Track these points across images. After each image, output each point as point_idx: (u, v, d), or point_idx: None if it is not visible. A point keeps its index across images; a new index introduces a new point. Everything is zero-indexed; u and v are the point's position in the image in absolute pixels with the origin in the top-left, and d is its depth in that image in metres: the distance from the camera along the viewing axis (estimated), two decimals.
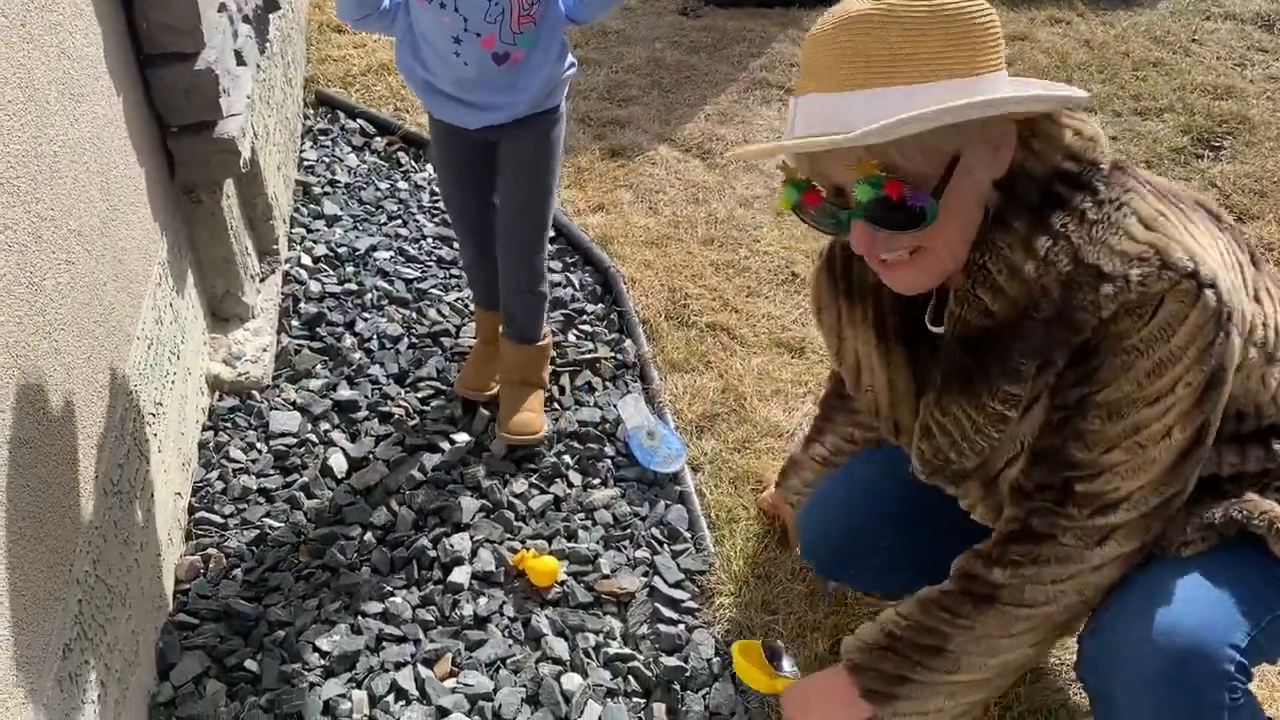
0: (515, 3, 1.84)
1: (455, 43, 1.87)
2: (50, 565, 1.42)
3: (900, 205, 1.15)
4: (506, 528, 2.09)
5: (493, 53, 1.88)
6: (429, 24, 1.87)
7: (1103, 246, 1.15)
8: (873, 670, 1.39)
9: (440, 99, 1.99)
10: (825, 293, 1.53)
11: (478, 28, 1.84)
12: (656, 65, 3.90)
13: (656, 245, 2.93)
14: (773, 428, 2.31)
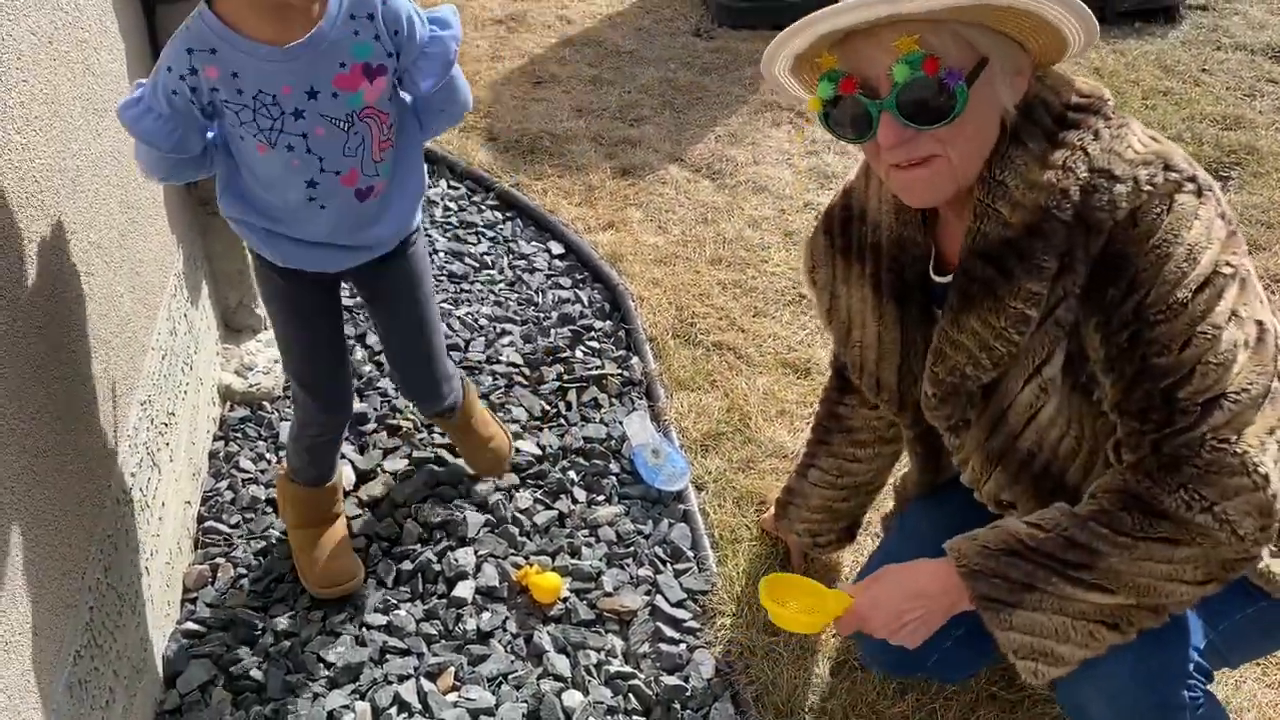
0: (375, 130, 1.58)
1: (310, 187, 1.58)
2: (64, 572, 1.44)
3: (933, 90, 1.19)
4: (511, 543, 2.11)
5: (355, 189, 1.62)
6: (273, 172, 1.57)
7: (1113, 154, 1.22)
8: (997, 576, 1.29)
9: (290, 246, 1.67)
10: (821, 250, 1.56)
11: (336, 165, 1.57)
12: (669, 86, 3.94)
13: (665, 264, 2.95)
14: (777, 448, 2.33)
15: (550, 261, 3.00)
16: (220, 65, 1.45)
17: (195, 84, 1.45)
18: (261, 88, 1.47)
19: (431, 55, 1.56)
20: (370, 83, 1.52)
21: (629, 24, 4.46)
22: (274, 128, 1.50)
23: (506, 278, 2.92)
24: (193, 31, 1.44)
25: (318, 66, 1.48)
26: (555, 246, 3.06)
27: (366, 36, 1.50)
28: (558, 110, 3.75)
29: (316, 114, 1.51)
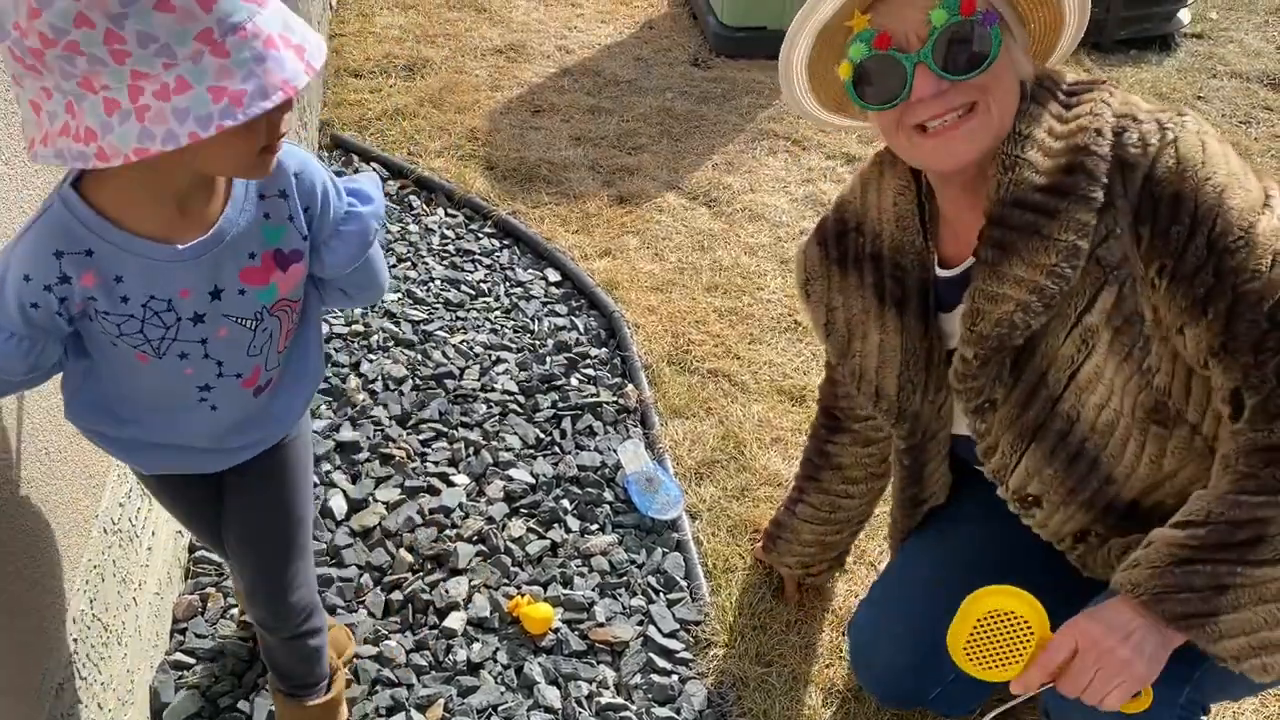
0: (285, 321, 1.32)
1: (203, 391, 1.29)
2: (46, 605, 1.43)
3: (971, 32, 1.22)
4: (503, 573, 2.09)
5: (255, 387, 1.34)
6: (156, 378, 1.26)
7: (1130, 104, 1.29)
8: (1182, 591, 1.21)
9: (163, 452, 1.37)
10: (816, 261, 1.56)
11: (238, 368, 1.29)
12: (666, 114, 3.95)
13: (661, 291, 2.95)
14: (771, 476, 2.32)
15: (547, 289, 3.00)
16: (99, 269, 1.12)
17: (66, 294, 1.12)
18: (153, 293, 1.16)
19: (346, 235, 1.31)
20: (283, 272, 1.26)
21: (627, 54, 4.48)
22: (165, 337, 1.20)
23: (503, 305, 2.92)
24: (58, 226, 1.10)
25: (222, 262, 1.19)
26: (552, 274, 3.06)
27: (278, 218, 1.23)
28: (556, 139, 3.76)
29: (219, 315, 1.22)
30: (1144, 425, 1.34)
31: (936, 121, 1.28)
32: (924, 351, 1.50)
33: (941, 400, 1.53)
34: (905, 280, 1.48)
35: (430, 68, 4.21)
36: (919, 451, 1.59)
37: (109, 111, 0.92)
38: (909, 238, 1.47)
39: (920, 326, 1.49)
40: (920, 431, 1.56)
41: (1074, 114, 1.29)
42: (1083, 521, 1.45)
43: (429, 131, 3.74)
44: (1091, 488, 1.40)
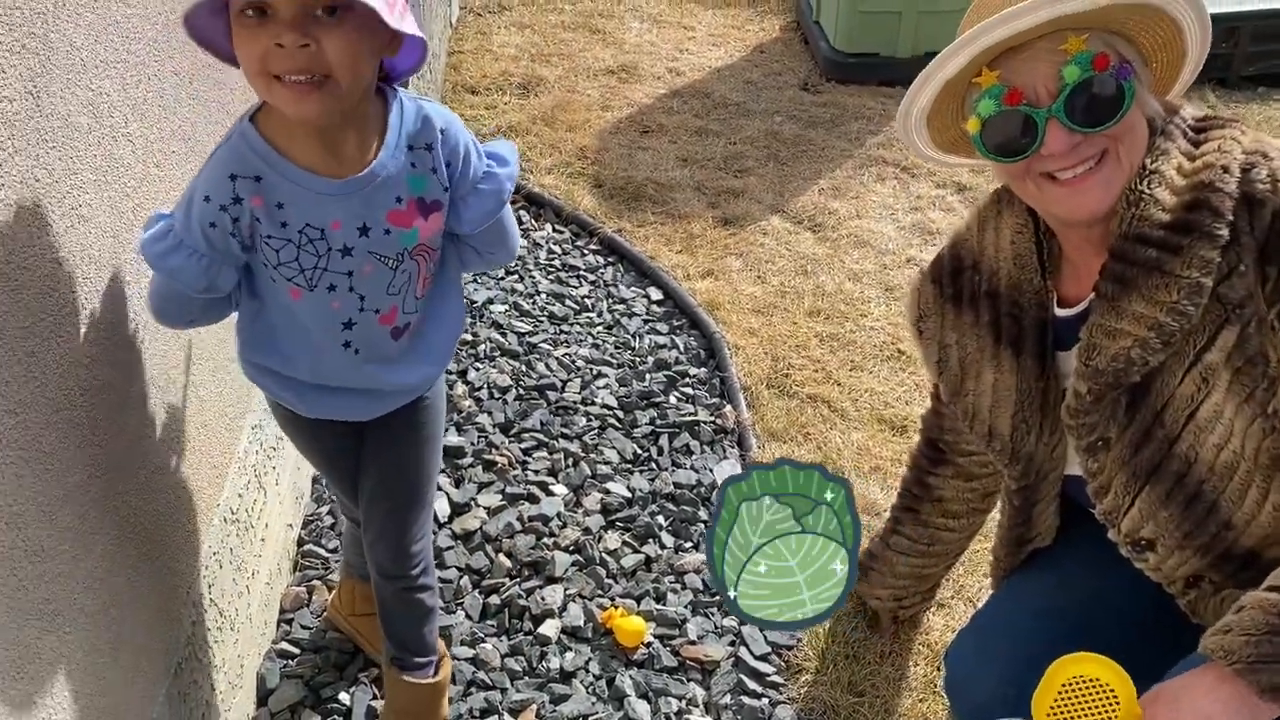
0: (423, 265, 1.42)
1: (346, 328, 1.39)
2: (170, 587, 1.51)
3: (1104, 87, 1.22)
4: (598, 584, 2.12)
5: (392, 327, 1.44)
6: (308, 314, 1.38)
7: (1262, 142, 1.26)
8: (1278, 660, 1.15)
9: (320, 394, 1.48)
10: (930, 299, 1.55)
11: (377, 304, 1.39)
12: (774, 138, 3.96)
13: (762, 314, 2.96)
14: (869, 505, 2.30)
15: (649, 307, 3.03)
16: (265, 194, 1.26)
17: (238, 214, 1.26)
18: (309, 221, 1.29)
19: (484, 193, 1.40)
20: (425, 219, 1.37)
21: (737, 77, 4.51)
22: (318, 266, 1.32)
23: (605, 321, 2.96)
24: (235, 154, 1.26)
25: (372, 201, 1.31)
26: (654, 292, 3.09)
27: (423, 169, 1.34)
28: (663, 159, 3.80)
29: (366, 251, 1.33)
30: (1267, 473, 1.29)
31: (1068, 173, 1.27)
32: (1039, 391, 1.47)
33: (1056, 441, 1.50)
34: (1022, 319, 1.45)
35: (544, 86, 4.30)
36: (1031, 492, 1.56)
37: None
38: (1027, 276, 1.45)
39: (1037, 366, 1.46)
40: (1034, 472, 1.53)
41: (1202, 151, 1.27)
42: (1197, 567, 1.41)
43: (540, 148, 3.82)
44: (1209, 532, 1.35)
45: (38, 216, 1.14)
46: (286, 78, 1.14)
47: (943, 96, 1.34)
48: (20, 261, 1.10)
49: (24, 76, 1.11)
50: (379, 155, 1.29)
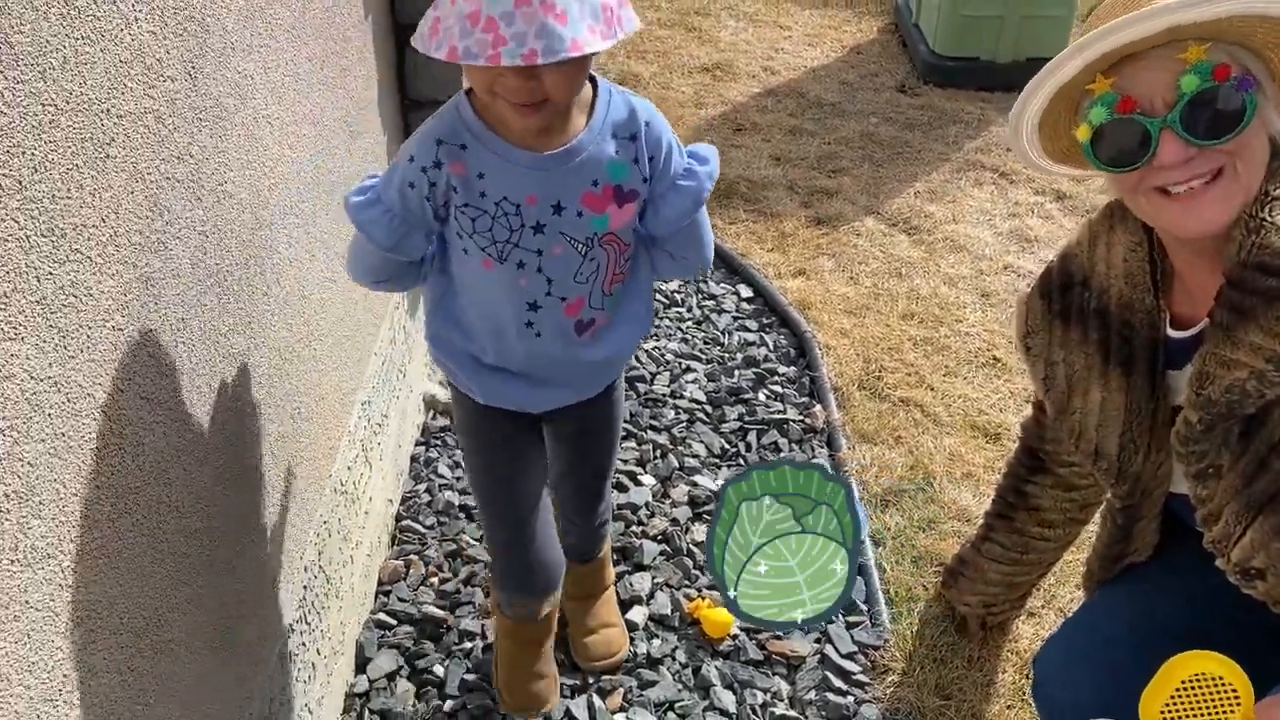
0: (612, 257, 1.41)
1: (530, 309, 1.41)
2: (287, 552, 1.57)
3: (1224, 99, 1.18)
4: (685, 574, 2.14)
5: (577, 320, 1.44)
6: (495, 289, 1.40)
7: None
8: None
9: (496, 379, 1.51)
10: (1038, 315, 1.53)
11: (564, 290, 1.40)
12: (869, 139, 3.94)
13: (855, 315, 2.95)
14: (961, 511, 2.28)
15: (739, 304, 3.05)
16: (467, 163, 1.30)
17: (436, 179, 1.31)
18: (506, 194, 1.31)
19: (683, 190, 1.39)
20: (619, 207, 1.36)
21: (833, 77, 4.49)
22: (509, 240, 1.34)
23: (695, 316, 2.98)
24: (445, 121, 1.31)
25: (569, 180, 1.32)
26: (745, 290, 3.10)
27: (625, 158, 1.34)
28: (756, 157, 3.81)
29: (557, 231, 1.34)
30: None
31: (1181, 187, 1.23)
32: (1149, 412, 1.44)
33: (1162, 459, 1.48)
34: (1133, 339, 1.42)
35: (638, 83, 4.34)
36: (1134, 510, 1.54)
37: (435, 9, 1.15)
38: (1139, 295, 1.42)
39: (1147, 387, 1.43)
40: (1139, 491, 1.51)
41: None
42: None
43: None
44: None
45: (190, 190, 1.20)
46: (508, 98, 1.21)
47: (1056, 103, 1.32)
48: (174, 232, 1.16)
49: (183, 58, 1.17)
50: (581, 135, 1.31)
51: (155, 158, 1.11)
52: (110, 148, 1.01)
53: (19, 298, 0.86)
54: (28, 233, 0.87)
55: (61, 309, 0.93)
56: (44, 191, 0.90)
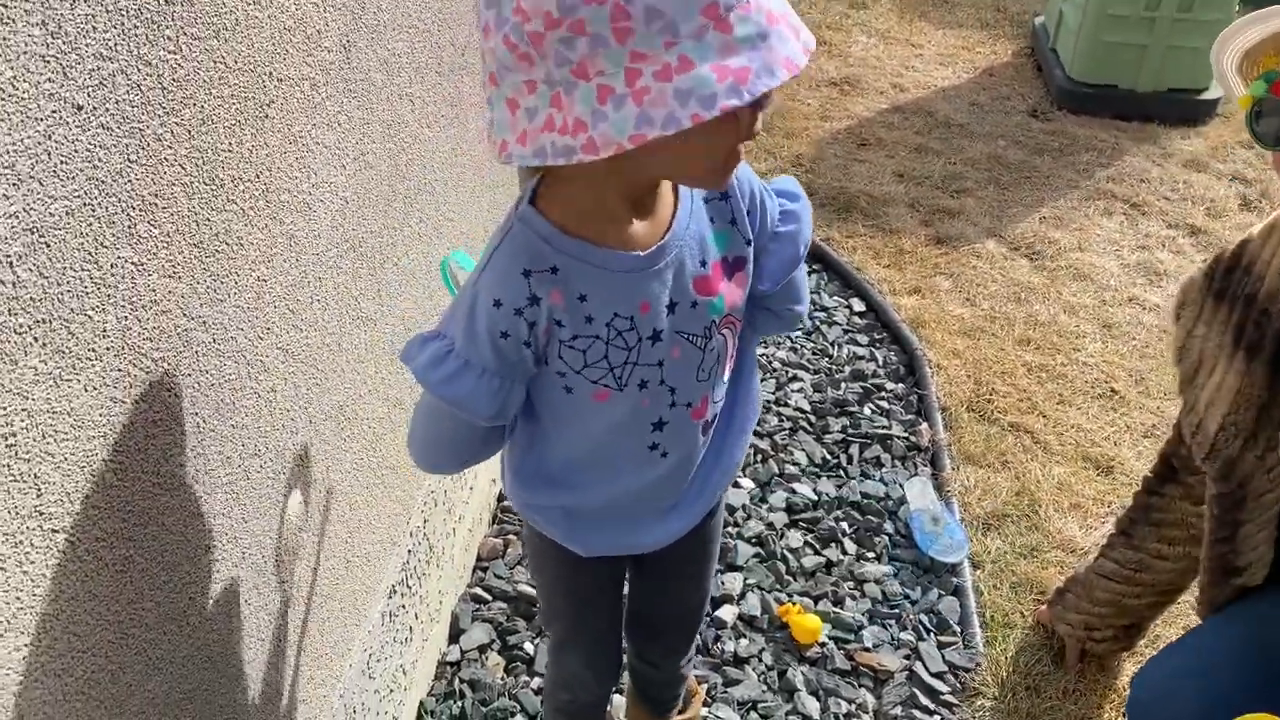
0: (730, 340, 1.17)
1: (656, 430, 1.15)
2: (394, 515, 1.63)
3: None
4: (777, 578, 2.14)
5: (704, 422, 1.19)
6: (615, 419, 1.13)
7: None
8: None
9: (599, 528, 1.26)
10: (1197, 289, 1.55)
11: (689, 395, 1.15)
12: (996, 162, 3.87)
13: (969, 336, 2.90)
14: (1065, 541, 2.22)
15: (850, 318, 3.02)
16: (565, 288, 1.02)
17: (535, 318, 1.02)
18: (616, 310, 1.05)
19: (784, 237, 1.17)
20: (730, 280, 1.12)
21: (963, 97, 4.42)
22: (628, 360, 1.08)
23: (805, 326, 2.97)
24: (522, 246, 1.02)
25: (678, 271, 1.07)
26: (857, 304, 3.08)
27: (722, 222, 1.11)
28: (879, 173, 3.78)
29: (674, 332, 1.09)
30: None
31: None
32: (1260, 402, 1.44)
33: (1274, 463, 1.44)
34: (1266, 328, 1.42)
35: None
36: (1236, 507, 1.50)
37: (602, 99, 0.83)
38: None
39: (1265, 376, 1.43)
40: (1236, 479, 1.48)
41: None
42: None
43: (756, 154, 3.86)
44: None
45: (336, 157, 1.27)
46: None
47: (1245, 59, 1.33)
48: (318, 195, 1.23)
49: (340, 31, 1.24)
50: (677, 214, 1.06)
51: (308, 123, 1.18)
52: (269, 109, 1.08)
53: (179, 239, 0.93)
54: (192, 179, 0.94)
55: (215, 255, 1.00)
56: (209, 143, 0.96)
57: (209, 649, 1.06)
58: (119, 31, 0.81)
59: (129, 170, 0.84)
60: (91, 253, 0.80)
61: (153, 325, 0.90)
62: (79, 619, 0.84)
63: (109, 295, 0.83)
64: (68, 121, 0.76)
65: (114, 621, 0.89)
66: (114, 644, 0.89)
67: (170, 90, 0.89)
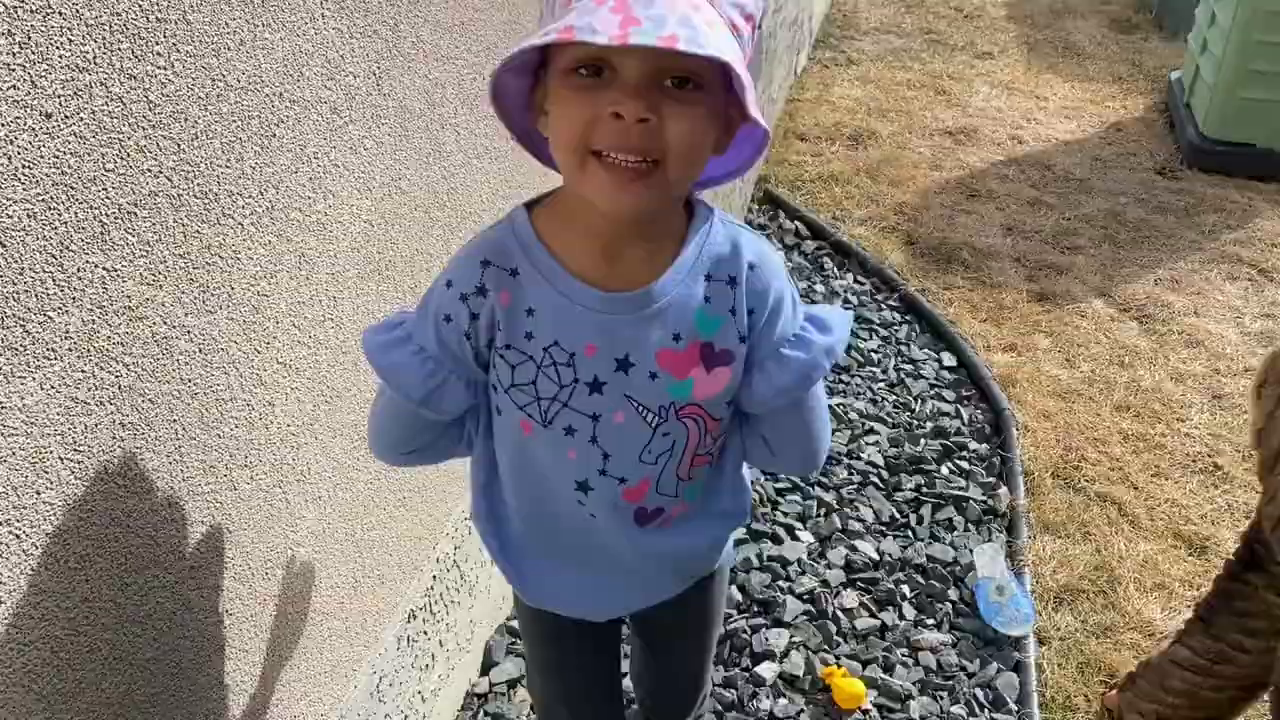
0: (693, 436, 1.06)
1: (579, 490, 1.07)
2: (416, 539, 1.63)
3: None
4: (825, 638, 2.05)
5: (638, 507, 1.10)
6: (537, 461, 1.08)
7: None
8: None
9: (535, 572, 1.19)
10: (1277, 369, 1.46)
11: (623, 469, 1.06)
12: (1114, 219, 3.69)
13: (1063, 399, 2.75)
14: (1144, 623, 2.06)
15: (938, 372, 2.91)
16: (516, 293, 0.99)
17: (478, 309, 1.00)
18: (558, 339, 1.00)
19: (787, 360, 1.04)
20: (707, 371, 1.03)
21: (1086, 152, 4.25)
22: (556, 398, 1.02)
23: (889, 379, 2.88)
24: (496, 240, 1.00)
25: (643, 330, 1.00)
26: (947, 358, 2.96)
27: (719, 307, 1.01)
28: (986, 225, 3.65)
29: (621, 393, 1.02)
30: None
31: None
32: None
33: None
34: None
35: (875, 140, 4.27)
36: None
37: None
38: None
39: None
40: None
41: None
42: None
43: (858, 199, 3.79)
44: None
45: (361, 180, 1.29)
46: (611, 155, 0.87)
47: None
48: (335, 216, 1.25)
49: (369, 58, 1.26)
50: (665, 276, 0.99)
51: (326, 145, 1.20)
52: (278, 128, 1.10)
53: (161, 248, 0.95)
54: (179, 190, 0.96)
55: (205, 266, 1.02)
56: (202, 156, 0.99)
57: (178, 654, 1.07)
58: (99, 45, 0.84)
59: (103, 178, 0.87)
60: (55, 255, 0.83)
61: (125, 331, 0.92)
62: (22, 611, 0.86)
63: (74, 298, 0.86)
64: (32, 128, 0.79)
65: (64, 618, 0.90)
66: (61, 639, 0.90)
67: (158, 104, 0.91)
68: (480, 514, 1.17)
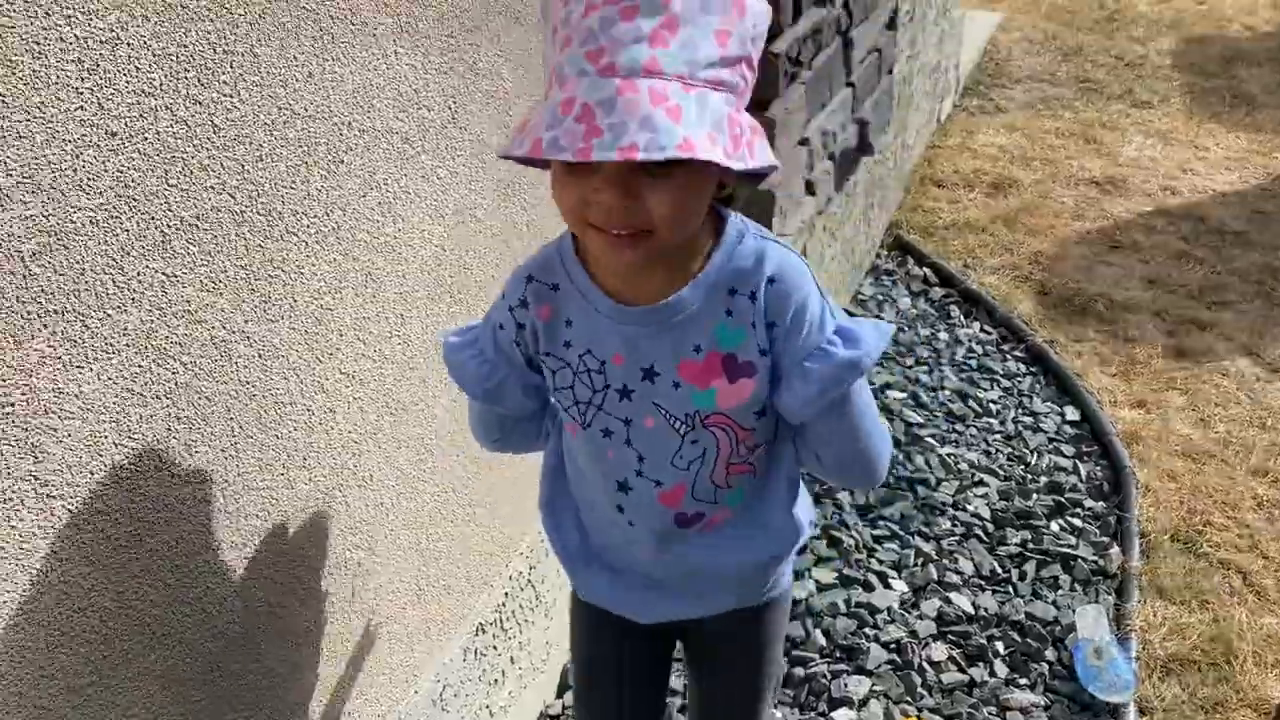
0: (724, 444, 1.10)
1: (620, 491, 1.14)
2: (487, 555, 1.69)
3: None
4: (908, 689, 1.99)
5: (677, 512, 1.14)
6: (584, 457, 1.16)
7: None
8: None
9: (593, 571, 1.25)
10: None
11: (657, 472, 1.12)
12: (1271, 275, 3.46)
13: (1192, 459, 2.59)
14: (1260, 701, 1.92)
15: (1060, 426, 2.79)
16: (555, 306, 1.08)
17: (524, 320, 1.10)
18: (590, 348, 1.08)
19: (808, 373, 1.04)
20: (730, 382, 1.06)
21: (1245, 204, 4.01)
22: (591, 402, 1.10)
23: (1006, 431, 2.78)
24: (544, 258, 1.10)
25: (661, 342, 1.05)
26: (1071, 412, 2.84)
27: (739, 320, 1.04)
28: (1127, 277, 3.49)
29: (649, 400, 1.08)
30: None
31: None
32: None
33: None
34: None
35: (1016, 188, 4.16)
36: None
37: None
38: None
39: None
40: None
41: None
42: None
43: (992, 248, 3.69)
44: None
45: (433, 206, 1.37)
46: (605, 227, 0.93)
47: None
48: (405, 239, 1.33)
49: (445, 93, 1.35)
50: (684, 289, 1.03)
51: (396, 172, 1.28)
52: (346, 155, 1.19)
53: (222, 259, 1.04)
54: (243, 208, 1.06)
55: (267, 278, 1.11)
56: (266, 177, 1.08)
57: (225, 638, 1.15)
58: (165, 73, 0.94)
59: (166, 192, 0.96)
60: (115, 259, 0.93)
61: (183, 332, 1.01)
62: (71, 579, 0.95)
63: (133, 299, 0.95)
64: (97, 144, 0.89)
65: (114, 590, 0.99)
66: (110, 610, 0.99)
67: (222, 128, 1.01)
68: (543, 503, 1.28)
